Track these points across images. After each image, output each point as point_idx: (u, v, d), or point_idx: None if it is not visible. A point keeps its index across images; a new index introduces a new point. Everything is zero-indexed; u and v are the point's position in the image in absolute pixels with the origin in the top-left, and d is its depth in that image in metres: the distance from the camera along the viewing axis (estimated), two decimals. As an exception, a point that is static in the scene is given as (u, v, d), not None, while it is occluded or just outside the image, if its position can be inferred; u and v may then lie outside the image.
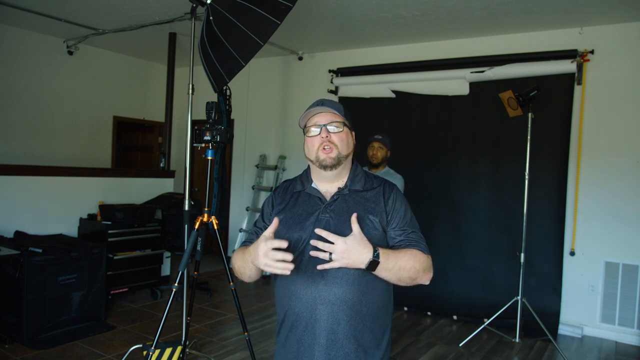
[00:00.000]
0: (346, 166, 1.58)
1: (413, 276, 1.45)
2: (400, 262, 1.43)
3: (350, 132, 1.59)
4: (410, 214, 1.60)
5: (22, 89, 5.76)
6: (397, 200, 1.59)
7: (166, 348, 3.17)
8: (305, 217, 1.54)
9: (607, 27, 4.48)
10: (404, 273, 1.44)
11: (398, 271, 1.43)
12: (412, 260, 1.45)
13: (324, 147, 1.53)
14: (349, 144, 1.57)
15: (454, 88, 5.11)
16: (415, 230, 1.56)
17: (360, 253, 1.37)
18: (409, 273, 1.44)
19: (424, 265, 1.48)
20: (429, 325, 4.70)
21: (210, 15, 3.09)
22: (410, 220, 1.58)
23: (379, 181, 1.62)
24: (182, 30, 5.52)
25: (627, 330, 4.39)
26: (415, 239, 1.53)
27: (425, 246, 1.54)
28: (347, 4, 4.34)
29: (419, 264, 1.47)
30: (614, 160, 4.45)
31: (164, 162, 5.92)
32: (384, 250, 1.42)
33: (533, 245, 4.58)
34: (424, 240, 1.56)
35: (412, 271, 1.45)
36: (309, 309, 1.48)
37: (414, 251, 1.49)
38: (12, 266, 3.75)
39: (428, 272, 1.50)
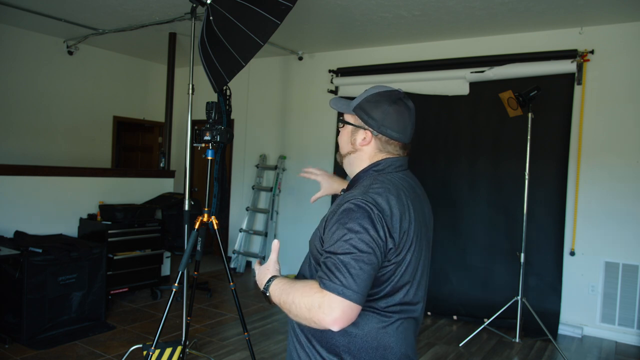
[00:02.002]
0: (351, 166, 1.42)
1: (300, 315, 1.17)
2: (285, 297, 1.21)
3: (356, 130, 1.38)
4: (341, 234, 1.18)
5: (22, 89, 5.76)
6: (337, 215, 1.23)
7: (166, 348, 3.17)
8: None
9: (607, 27, 4.48)
10: (292, 309, 1.19)
11: (286, 307, 1.22)
12: (297, 294, 1.18)
13: None
14: (346, 143, 1.41)
15: (454, 88, 5.11)
16: (333, 257, 1.16)
17: (260, 282, 1.33)
18: (293, 310, 1.19)
19: (308, 302, 1.15)
20: (429, 325, 4.70)
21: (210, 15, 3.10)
22: (336, 243, 1.18)
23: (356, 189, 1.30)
24: (182, 30, 5.52)
25: (627, 330, 4.39)
26: (325, 267, 1.17)
27: (334, 279, 1.13)
28: (347, 4, 4.34)
29: (302, 300, 1.16)
30: (614, 160, 4.45)
31: (164, 162, 5.92)
32: (280, 282, 1.25)
33: (533, 245, 4.58)
34: (341, 270, 1.14)
35: (295, 308, 1.18)
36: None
37: (309, 284, 1.19)
38: (12, 266, 3.75)
39: (319, 312, 1.12)
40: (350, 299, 1.12)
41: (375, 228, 1.18)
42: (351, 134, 1.40)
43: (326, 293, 1.13)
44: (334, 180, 1.79)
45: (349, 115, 1.41)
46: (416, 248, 1.29)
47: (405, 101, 1.40)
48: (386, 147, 1.39)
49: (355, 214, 1.19)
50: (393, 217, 1.22)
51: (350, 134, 1.41)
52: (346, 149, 1.42)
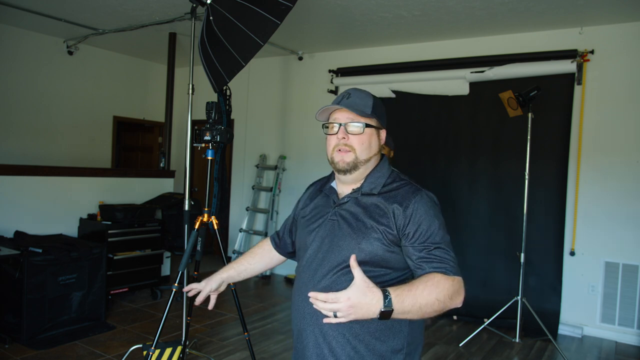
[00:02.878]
0: (367, 169, 1.43)
1: (439, 309, 1.25)
2: (420, 300, 1.22)
3: (376, 131, 1.43)
4: (437, 225, 1.34)
5: (22, 89, 5.76)
6: (419, 209, 1.34)
7: (166, 348, 3.17)
8: (315, 220, 1.46)
9: (607, 27, 4.48)
10: (427, 309, 1.23)
11: (419, 310, 1.22)
12: (434, 293, 1.23)
13: (339, 149, 1.39)
14: (371, 146, 1.40)
15: (454, 88, 5.11)
16: (441, 246, 1.31)
17: (369, 305, 1.17)
18: (433, 308, 1.24)
19: (450, 292, 1.26)
20: (429, 325, 4.70)
21: (210, 15, 3.10)
22: (435, 234, 1.32)
23: (403, 187, 1.40)
24: (182, 30, 5.52)
25: (627, 330, 4.39)
26: (439, 257, 1.30)
27: (453, 265, 1.30)
28: (347, 4, 4.34)
29: (443, 293, 1.25)
30: (614, 160, 4.45)
31: (164, 162, 5.92)
32: (397, 291, 1.20)
33: (533, 245, 4.58)
34: (453, 257, 1.32)
35: (437, 304, 1.24)
36: (299, 319, 1.41)
37: (436, 278, 1.26)
38: (12, 266, 3.74)
39: (457, 297, 1.29)
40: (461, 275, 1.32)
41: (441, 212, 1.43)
42: (376, 136, 1.44)
43: (458, 278, 1.30)
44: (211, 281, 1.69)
45: (369, 119, 1.41)
46: None
47: None
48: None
49: (432, 203, 1.39)
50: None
51: (376, 137, 1.43)
52: (372, 152, 1.42)
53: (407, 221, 1.32)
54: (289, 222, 1.70)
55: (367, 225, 1.34)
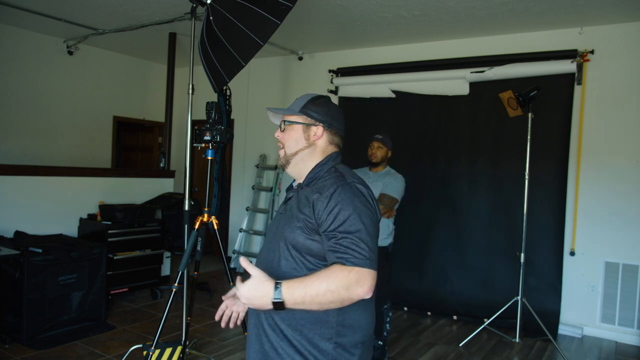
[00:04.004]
0: (304, 163, 1.54)
1: (335, 299, 1.28)
2: (310, 290, 1.27)
3: (305, 127, 1.53)
4: (350, 214, 1.34)
5: (22, 89, 5.76)
6: (335, 198, 1.37)
7: (166, 348, 3.17)
8: (277, 214, 1.61)
9: (607, 27, 4.48)
10: (320, 299, 1.27)
11: (312, 300, 1.28)
12: (324, 283, 1.27)
13: (278, 146, 1.59)
14: (297, 141, 1.53)
15: (454, 88, 5.11)
16: (350, 236, 1.32)
17: (262, 296, 1.29)
18: (326, 298, 1.27)
19: (344, 282, 1.27)
20: (429, 325, 4.70)
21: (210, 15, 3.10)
22: (348, 223, 1.33)
23: (332, 177, 1.46)
24: (182, 30, 5.52)
25: (627, 330, 4.39)
26: (344, 247, 1.31)
27: (358, 256, 1.30)
28: (347, 4, 4.34)
29: (335, 284, 1.27)
30: (614, 160, 4.45)
31: (164, 162, 5.92)
32: (289, 283, 1.29)
33: (533, 245, 4.58)
34: (362, 248, 1.31)
35: (330, 295, 1.27)
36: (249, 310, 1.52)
37: (331, 269, 1.29)
38: (12, 266, 3.75)
39: (357, 288, 1.28)
40: (374, 268, 1.33)
41: (370, 204, 1.43)
42: (303, 131, 1.54)
43: (357, 269, 1.29)
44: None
45: (294, 117, 1.56)
46: None
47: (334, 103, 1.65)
48: (334, 139, 1.58)
49: (351, 194, 1.39)
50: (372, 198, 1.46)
51: (302, 132, 1.54)
52: (298, 146, 1.54)
53: (322, 209, 1.37)
54: None
55: (294, 215, 1.44)
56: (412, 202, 4.81)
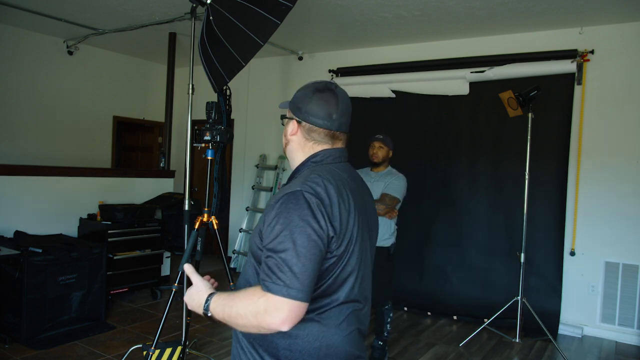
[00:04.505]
0: (293, 161, 1.43)
1: (247, 324, 1.15)
2: (227, 309, 1.19)
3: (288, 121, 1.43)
4: (280, 230, 1.14)
5: (22, 89, 5.76)
6: (278, 208, 1.18)
7: (166, 348, 3.17)
8: None
9: (607, 27, 4.48)
10: (236, 320, 1.17)
11: (230, 319, 1.19)
12: (240, 305, 1.16)
13: None
14: (284, 136, 1.44)
15: (454, 88, 5.10)
16: (274, 255, 1.13)
17: (197, 306, 1.28)
18: (238, 320, 1.16)
19: (252, 309, 1.12)
20: (429, 325, 4.70)
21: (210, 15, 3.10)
22: (277, 240, 1.14)
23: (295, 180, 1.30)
24: (182, 30, 5.52)
25: (627, 330, 4.39)
26: (268, 268, 1.13)
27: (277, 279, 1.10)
28: (347, 4, 4.34)
29: (246, 309, 1.14)
30: (614, 160, 4.45)
31: (164, 162, 5.92)
32: (218, 298, 1.23)
33: (533, 245, 4.58)
34: (284, 271, 1.10)
35: (240, 319, 1.15)
36: None
37: (250, 291, 1.17)
38: (12, 266, 3.75)
39: (266, 316, 1.10)
40: (296, 298, 1.10)
41: (315, 218, 1.15)
42: (286, 126, 1.44)
43: (270, 296, 1.10)
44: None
45: (287, 111, 1.45)
46: (358, 240, 1.27)
47: (333, 89, 1.41)
48: (311, 134, 1.38)
49: (294, 205, 1.16)
50: (332, 206, 1.20)
51: (286, 127, 1.44)
52: (283, 142, 1.46)
53: (265, 220, 1.21)
54: None
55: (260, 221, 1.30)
56: (412, 202, 4.81)
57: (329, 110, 1.37)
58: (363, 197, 1.38)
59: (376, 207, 3.56)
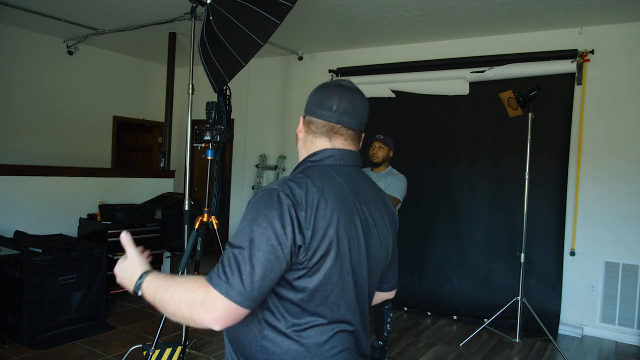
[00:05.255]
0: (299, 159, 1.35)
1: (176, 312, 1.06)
2: (160, 292, 1.09)
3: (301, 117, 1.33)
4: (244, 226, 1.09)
5: (22, 89, 5.76)
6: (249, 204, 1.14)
7: (166, 348, 3.17)
8: None
9: (607, 27, 4.48)
10: (165, 306, 1.09)
11: (160, 303, 1.10)
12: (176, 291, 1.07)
13: None
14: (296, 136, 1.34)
15: (454, 88, 5.11)
16: (229, 248, 1.08)
17: (130, 282, 1.15)
18: (169, 307, 1.08)
19: (188, 298, 1.04)
20: (429, 325, 4.70)
21: (210, 15, 3.10)
22: (237, 234, 1.09)
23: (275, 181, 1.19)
24: (182, 30, 5.52)
25: (627, 330, 4.39)
26: (220, 260, 1.08)
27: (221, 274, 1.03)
28: (347, 4, 4.34)
29: (182, 296, 1.05)
30: (614, 160, 4.45)
31: (164, 162, 5.92)
32: (153, 277, 1.13)
33: (533, 245, 4.58)
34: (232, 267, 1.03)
35: (172, 305, 1.07)
36: None
37: (193, 279, 1.08)
38: (12, 266, 3.74)
39: (201, 310, 1.02)
40: (233, 300, 1.01)
41: (282, 222, 1.06)
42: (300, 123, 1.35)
43: (211, 289, 1.02)
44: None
45: None
46: (344, 255, 1.13)
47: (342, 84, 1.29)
48: (310, 127, 1.28)
49: (264, 204, 1.08)
50: (308, 211, 1.08)
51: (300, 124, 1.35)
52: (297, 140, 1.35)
53: None
54: None
55: None
56: (412, 202, 4.81)
57: (330, 102, 1.25)
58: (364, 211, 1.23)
59: None
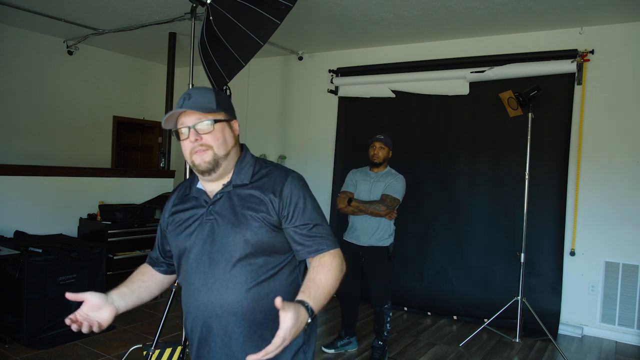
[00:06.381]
0: (230, 162, 1.42)
1: (337, 284, 1.36)
2: (326, 289, 1.32)
3: (227, 124, 1.42)
4: (310, 203, 1.40)
5: (22, 89, 5.76)
6: (292, 190, 1.39)
7: (166, 348, 3.16)
8: (191, 223, 1.43)
9: (607, 27, 4.48)
10: (333, 290, 1.34)
11: (329, 295, 1.33)
12: (333, 275, 1.34)
13: (196, 151, 1.37)
14: (226, 140, 1.40)
15: (454, 88, 5.11)
16: (319, 223, 1.39)
17: (300, 325, 1.21)
18: (334, 288, 1.34)
19: (336, 268, 1.36)
20: (429, 325, 4.70)
21: (210, 15, 3.10)
22: (311, 212, 1.39)
23: (272, 172, 1.44)
24: (182, 30, 5.52)
25: (627, 330, 4.39)
26: (320, 234, 1.38)
27: (331, 239, 1.39)
28: (347, 4, 4.34)
29: (331, 273, 1.34)
30: (614, 160, 4.45)
31: (164, 162, 5.93)
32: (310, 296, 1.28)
33: (533, 245, 4.58)
34: (329, 231, 1.41)
35: (334, 283, 1.34)
36: (198, 324, 1.40)
37: (327, 261, 1.36)
38: (12, 266, 3.74)
39: (341, 267, 1.38)
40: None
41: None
42: (228, 128, 1.42)
43: (337, 251, 1.38)
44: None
45: (216, 114, 1.39)
46: None
47: None
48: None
49: (305, 185, 1.44)
50: None
51: (228, 129, 1.42)
52: (229, 145, 1.41)
53: (284, 204, 1.37)
54: (160, 238, 1.62)
55: (246, 217, 1.36)
56: (412, 202, 4.81)
57: None
58: None
59: (378, 208, 3.58)
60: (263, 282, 1.36)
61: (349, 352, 3.92)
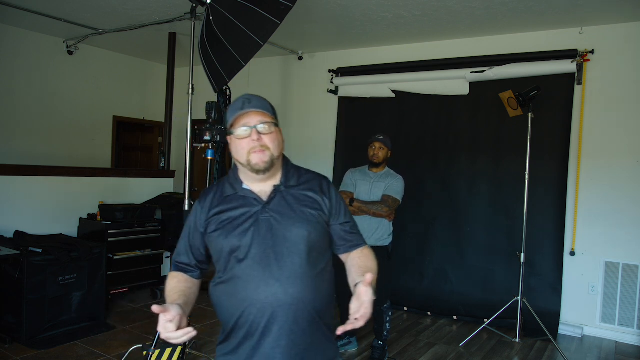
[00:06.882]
0: (279, 164, 1.55)
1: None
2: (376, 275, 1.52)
3: (279, 130, 1.55)
4: (344, 203, 1.64)
5: (22, 89, 5.76)
6: (336, 192, 1.62)
7: (166, 348, 3.16)
8: (244, 221, 1.49)
9: (607, 27, 4.48)
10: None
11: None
12: (374, 264, 1.59)
13: (255, 151, 1.46)
14: (279, 144, 1.52)
15: (454, 88, 5.11)
16: (349, 220, 1.62)
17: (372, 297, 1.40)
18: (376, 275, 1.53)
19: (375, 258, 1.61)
20: (429, 325, 4.70)
21: (210, 15, 3.10)
22: (347, 211, 1.62)
23: (312, 175, 1.62)
24: (182, 30, 5.52)
25: (627, 330, 4.39)
26: (357, 232, 1.63)
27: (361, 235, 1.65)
28: (347, 4, 4.34)
29: (374, 262, 1.60)
30: (614, 160, 4.45)
31: (164, 162, 5.93)
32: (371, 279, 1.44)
33: (533, 245, 4.58)
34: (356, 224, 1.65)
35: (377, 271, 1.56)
36: (264, 314, 1.44)
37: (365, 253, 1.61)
38: (12, 266, 3.74)
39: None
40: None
41: None
42: (280, 133, 1.54)
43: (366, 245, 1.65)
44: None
45: (272, 118, 1.51)
46: None
47: None
48: None
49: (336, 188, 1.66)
50: None
51: (280, 134, 1.54)
52: (282, 148, 1.54)
53: (332, 204, 1.57)
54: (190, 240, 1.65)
55: (305, 214, 1.50)
56: (412, 202, 4.81)
57: None
58: None
59: (380, 209, 3.59)
60: (320, 273, 1.51)
61: (349, 352, 3.92)
